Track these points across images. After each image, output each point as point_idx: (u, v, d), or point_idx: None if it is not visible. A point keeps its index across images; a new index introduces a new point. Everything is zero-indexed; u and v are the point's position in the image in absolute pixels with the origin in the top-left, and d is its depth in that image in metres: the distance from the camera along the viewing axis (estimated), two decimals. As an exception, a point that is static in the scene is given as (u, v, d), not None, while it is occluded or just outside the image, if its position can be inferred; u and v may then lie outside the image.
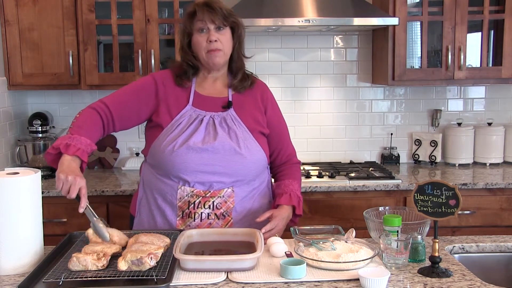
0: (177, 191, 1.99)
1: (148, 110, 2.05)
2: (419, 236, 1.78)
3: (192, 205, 1.99)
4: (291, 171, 2.18)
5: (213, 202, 1.99)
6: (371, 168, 3.27)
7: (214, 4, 1.99)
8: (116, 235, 1.81)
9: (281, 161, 2.19)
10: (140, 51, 3.05)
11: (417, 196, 1.72)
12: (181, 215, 2.00)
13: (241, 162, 1.99)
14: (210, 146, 1.96)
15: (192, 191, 1.98)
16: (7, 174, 1.74)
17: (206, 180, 1.98)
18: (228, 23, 2.02)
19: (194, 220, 1.99)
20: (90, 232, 1.80)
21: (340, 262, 1.66)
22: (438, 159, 3.46)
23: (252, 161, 2.01)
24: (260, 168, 2.07)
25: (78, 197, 1.76)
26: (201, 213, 1.99)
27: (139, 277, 1.54)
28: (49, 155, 1.86)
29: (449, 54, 3.14)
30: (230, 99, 2.07)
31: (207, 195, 1.99)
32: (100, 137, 2.00)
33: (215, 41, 1.99)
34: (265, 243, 1.81)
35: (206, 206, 1.99)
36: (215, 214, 2.00)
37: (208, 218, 1.99)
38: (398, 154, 3.53)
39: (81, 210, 1.76)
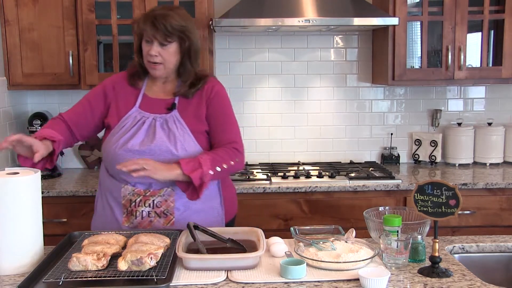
0: (121, 190, 2.06)
1: (100, 114, 2.14)
2: (419, 236, 1.78)
3: (134, 203, 2.05)
4: (216, 148, 2.07)
5: (153, 200, 2.04)
6: (371, 168, 3.27)
7: (159, 20, 1.98)
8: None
9: (219, 145, 2.09)
10: (140, 51, 3.05)
11: (417, 196, 1.72)
12: (125, 213, 2.06)
13: None
14: (148, 148, 2.01)
15: (133, 190, 2.05)
16: (7, 174, 1.75)
17: (145, 180, 2.01)
18: (172, 39, 2.01)
19: (136, 218, 2.05)
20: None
21: (340, 262, 1.66)
22: (438, 159, 3.46)
23: None
24: None
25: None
26: (142, 211, 2.04)
27: (139, 277, 1.54)
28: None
29: (449, 54, 3.13)
30: (176, 101, 2.09)
31: (147, 194, 2.04)
32: (65, 133, 2.09)
33: (155, 56, 2.01)
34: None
35: (147, 205, 2.04)
36: (155, 212, 2.04)
37: (148, 216, 2.04)
38: (398, 154, 3.53)
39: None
